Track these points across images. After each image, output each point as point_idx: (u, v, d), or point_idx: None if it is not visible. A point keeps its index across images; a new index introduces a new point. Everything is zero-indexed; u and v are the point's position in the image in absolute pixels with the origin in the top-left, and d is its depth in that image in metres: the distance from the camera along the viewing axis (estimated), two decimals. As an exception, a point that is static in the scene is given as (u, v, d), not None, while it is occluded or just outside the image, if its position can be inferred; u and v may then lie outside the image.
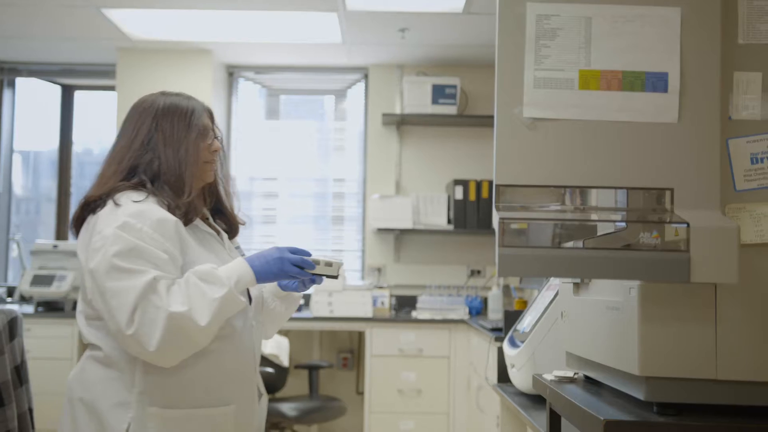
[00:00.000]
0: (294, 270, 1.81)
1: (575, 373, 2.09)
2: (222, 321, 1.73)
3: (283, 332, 4.94)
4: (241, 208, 2.10)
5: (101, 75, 5.86)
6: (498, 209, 1.49)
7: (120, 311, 1.64)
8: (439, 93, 5.33)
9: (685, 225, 1.42)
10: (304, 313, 5.20)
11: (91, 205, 1.80)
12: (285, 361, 4.60)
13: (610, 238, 1.49)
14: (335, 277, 1.90)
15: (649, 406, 1.53)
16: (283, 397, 4.66)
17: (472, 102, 5.54)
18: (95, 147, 6.27)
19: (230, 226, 2.09)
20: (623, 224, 1.49)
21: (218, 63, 5.71)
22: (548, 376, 2.06)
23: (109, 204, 1.76)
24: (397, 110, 5.57)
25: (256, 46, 5.39)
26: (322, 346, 5.47)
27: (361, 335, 5.29)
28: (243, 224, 2.10)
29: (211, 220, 2.03)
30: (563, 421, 2.06)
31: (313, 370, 4.80)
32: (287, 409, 4.36)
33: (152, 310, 1.63)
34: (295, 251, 1.84)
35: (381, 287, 5.17)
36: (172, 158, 1.83)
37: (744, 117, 1.52)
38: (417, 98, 5.36)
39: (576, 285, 1.95)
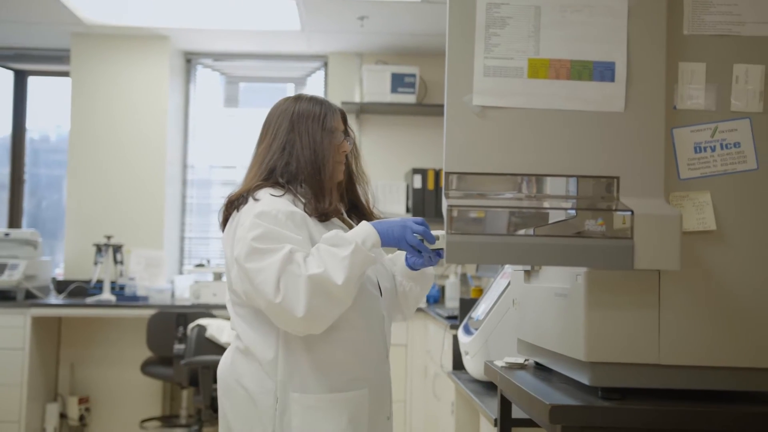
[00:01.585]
0: (414, 240, 1.89)
1: (525, 360, 2.11)
2: (358, 278, 1.81)
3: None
4: (376, 204, 2.19)
5: (55, 60, 5.75)
6: (446, 196, 1.50)
7: (266, 285, 1.76)
8: (399, 82, 5.33)
9: (630, 213, 1.44)
10: (262, 302, 5.18)
11: (234, 203, 1.94)
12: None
13: (558, 226, 1.50)
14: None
15: (595, 390, 1.56)
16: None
17: (431, 91, 5.55)
18: (52, 134, 6.16)
19: (366, 221, 2.13)
20: (573, 212, 1.51)
21: (176, 49, 5.64)
22: (499, 363, 2.08)
23: (250, 200, 1.90)
24: (357, 99, 5.56)
25: (214, 32, 5.34)
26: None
27: (319, 324, 5.28)
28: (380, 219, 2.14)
29: (345, 215, 2.12)
30: (513, 407, 2.09)
31: (270, 358, 4.78)
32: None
33: (293, 279, 1.75)
34: (420, 222, 1.93)
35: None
36: (308, 161, 1.96)
37: (688, 107, 1.55)
38: (376, 87, 5.36)
39: (527, 273, 1.97)
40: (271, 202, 1.87)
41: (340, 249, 1.79)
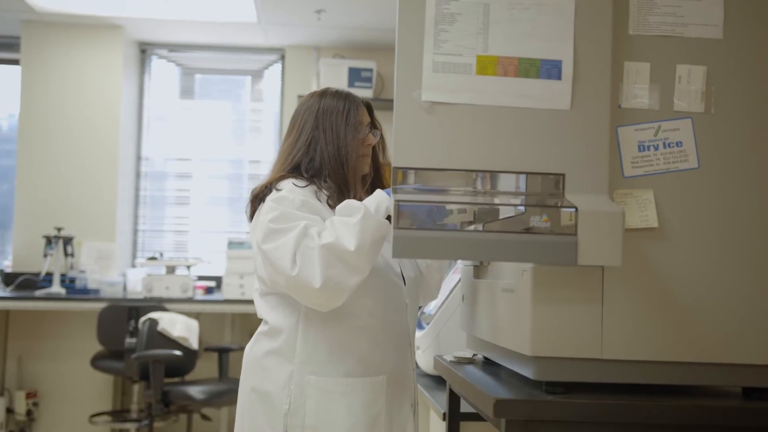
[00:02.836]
0: None
1: (474, 355, 2.13)
2: (371, 244, 1.80)
3: (193, 315, 4.87)
4: None
5: (5, 48, 5.62)
6: (394, 191, 1.50)
7: (283, 260, 1.81)
8: (356, 76, 5.32)
9: (574, 209, 1.46)
10: (215, 296, 5.15)
11: (259, 196, 1.98)
12: (194, 344, 4.55)
13: (506, 222, 1.52)
14: None
15: (540, 385, 1.58)
16: (191, 380, 4.60)
17: (388, 85, 5.55)
18: (4, 123, 6.03)
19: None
20: (522, 208, 1.53)
21: (130, 39, 5.56)
22: (448, 357, 2.10)
23: (273, 191, 1.95)
24: (314, 92, 5.54)
25: (169, 23, 5.27)
26: (234, 328, 5.42)
27: (273, 318, 5.26)
28: None
29: None
30: (462, 401, 2.11)
31: (223, 352, 4.76)
32: (195, 392, 4.31)
33: (308, 252, 1.79)
34: None
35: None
36: (331, 155, 2.01)
37: (633, 105, 1.58)
38: (333, 81, 5.33)
39: (476, 268, 1.99)
40: (290, 189, 1.93)
41: (350, 217, 1.81)
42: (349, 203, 1.86)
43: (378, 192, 1.90)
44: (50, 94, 5.33)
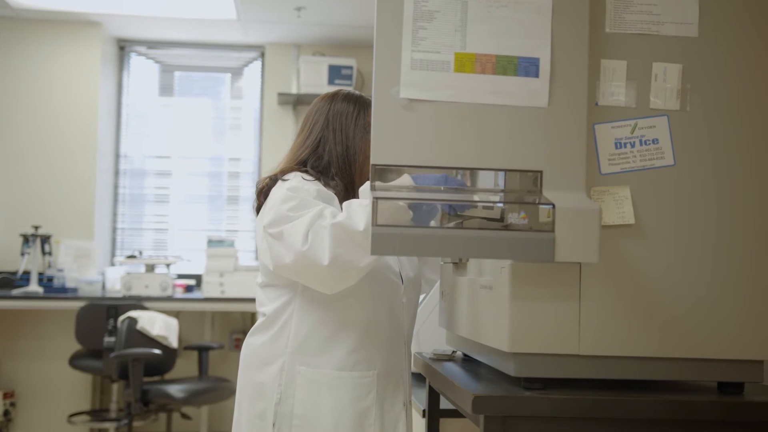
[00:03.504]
0: None
1: (453, 351, 2.14)
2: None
3: (173, 313, 4.85)
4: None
5: (-19, 45, 5.57)
6: (373, 188, 1.50)
7: (295, 237, 1.83)
8: (336, 73, 5.32)
9: (551, 206, 1.46)
10: (195, 294, 5.12)
11: (264, 189, 2.02)
12: (174, 342, 4.53)
13: (484, 219, 1.52)
14: None
15: (519, 381, 1.58)
16: (171, 379, 4.58)
17: (368, 83, 5.55)
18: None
19: None
20: (501, 205, 1.53)
21: (108, 36, 5.52)
22: (427, 354, 2.10)
23: (279, 182, 1.99)
24: (294, 90, 5.53)
25: (148, 19, 5.24)
26: (214, 327, 5.40)
27: (253, 316, 5.25)
28: None
29: None
30: (441, 398, 2.11)
31: (203, 351, 4.74)
32: (175, 390, 4.29)
33: (320, 230, 1.81)
34: None
35: (275, 268, 5.13)
36: (339, 155, 2.05)
37: (610, 103, 1.58)
38: (313, 78, 5.34)
39: (455, 265, 1.99)
40: (302, 182, 1.97)
41: (366, 199, 1.83)
42: (367, 187, 1.88)
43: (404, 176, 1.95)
44: (27, 91, 5.28)
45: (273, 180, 2.02)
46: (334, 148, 2.05)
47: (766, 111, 1.62)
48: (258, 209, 2.05)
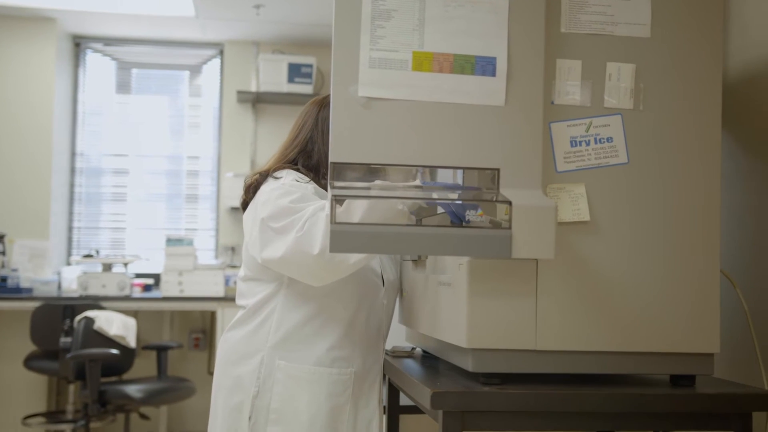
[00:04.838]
0: None
1: (413, 348, 2.15)
2: (377, 221, 1.77)
3: (131, 313, 4.79)
4: None
5: (-69, 40, 5.44)
6: (331, 186, 1.51)
7: (293, 224, 1.84)
8: (295, 72, 5.30)
9: (508, 204, 1.48)
10: (154, 293, 5.07)
11: (253, 185, 2.04)
12: (132, 342, 4.47)
13: (442, 216, 1.54)
14: None
15: (477, 376, 1.60)
16: (129, 379, 4.53)
17: (328, 81, 5.51)
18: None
19: None
20: (459, 203, 1.54)
21: (63, 33, 5.43)
22: (387, 351, 2.12)
23: (269, 179, 2.01)
24: (253, 88, 5.50)
25: (104, 16, 5.17)
26: (173, 326, 5.35)
27: (213, 315, 5.21)
28: None
29: None
30: (401, 394, 2.13)
31: (161, 350, 4.69)
32: (133, 391, 4.24)
33: (317, 220, 1.81)
34: None
35: (234, 266, 5.11)
36: (328, 155, 2.01)
37: (565, 102, 1.61)
38: (273, 76, 5.31)
39: (414, 262, 2.01)
40: (298, 177, 1.99)
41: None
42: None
43: None
44: (-21, 87, 5.18)
45: (263, 176, 2.03)
46: (323, 147, 2.06)
47: (714, 110, 1.66)
48: (244, 204, 2.06)
